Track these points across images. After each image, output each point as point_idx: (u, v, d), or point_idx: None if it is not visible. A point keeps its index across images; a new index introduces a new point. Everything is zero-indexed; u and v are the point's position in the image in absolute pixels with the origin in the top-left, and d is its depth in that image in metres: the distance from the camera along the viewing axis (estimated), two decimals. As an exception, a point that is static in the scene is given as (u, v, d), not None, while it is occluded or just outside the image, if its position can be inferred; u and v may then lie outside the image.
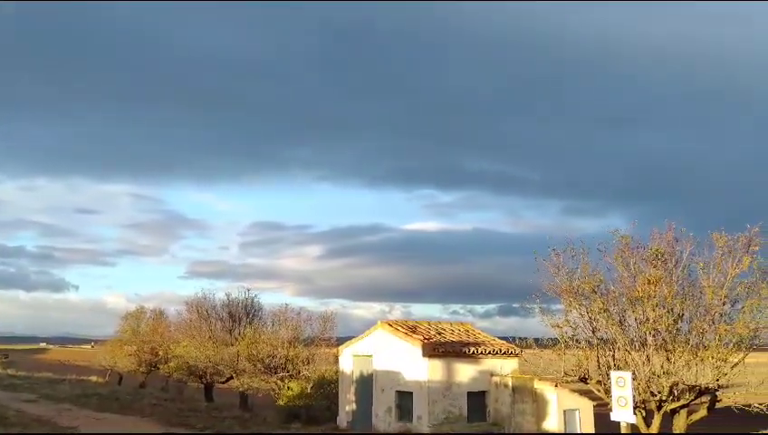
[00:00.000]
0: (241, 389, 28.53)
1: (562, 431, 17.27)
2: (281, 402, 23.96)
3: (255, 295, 32.28)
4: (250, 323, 30.60)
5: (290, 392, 24.05)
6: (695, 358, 14.59)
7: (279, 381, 25.74)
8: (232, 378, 29.84)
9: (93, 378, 43.98)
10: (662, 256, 14.96)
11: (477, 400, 18.40)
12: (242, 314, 31.67)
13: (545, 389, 17.52)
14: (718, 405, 15.68)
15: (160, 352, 39.34)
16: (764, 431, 22.03)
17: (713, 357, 14.42)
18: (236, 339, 29.46)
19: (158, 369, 39.92)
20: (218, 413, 24.29)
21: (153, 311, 45.67)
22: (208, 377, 31.74)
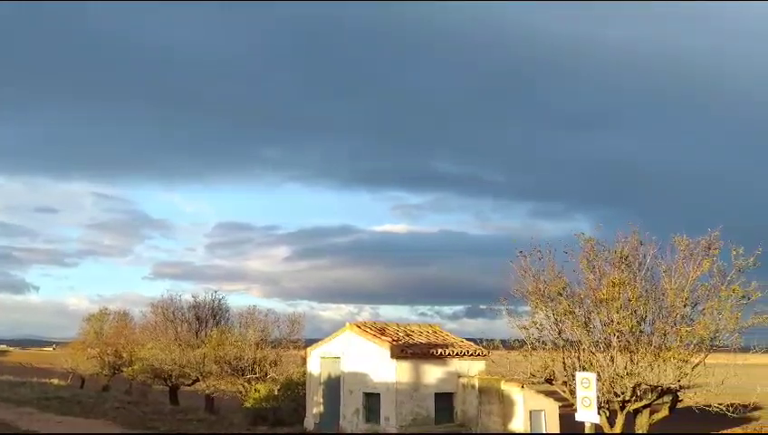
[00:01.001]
0: (207, 391, 28.26)
1: (528, 432, 17.47)
2: (248, 405, 23.78)
3: (222, 297, 32.08)
4: (217, 325, 30.33)
5: (257, 395, 23.89)
6: (657, 359, 14.86)
7: (246, 384, 25.55)
8: (198, 380, 29.52)
9: (55, 381, 43.12)
10: (626, 259, 15.22)
11: (445, 401, 18.51)
12: (209, 316, 31.38)
13: (512, 390, 17.70)
14: (679, 405, 16.01)
15: (124, 355, 38.76)
16: (724, 431, 22.58)
17: (674, 358, 14.71)
18: (203, 341, 29.16)
19: (122, 372, 39.32)
20: (183, 416, 24.00)
21: (117, 312, 45.02)
22: (174, 380, 31.36)
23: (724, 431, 22.87)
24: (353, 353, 19.19)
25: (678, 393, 15.44)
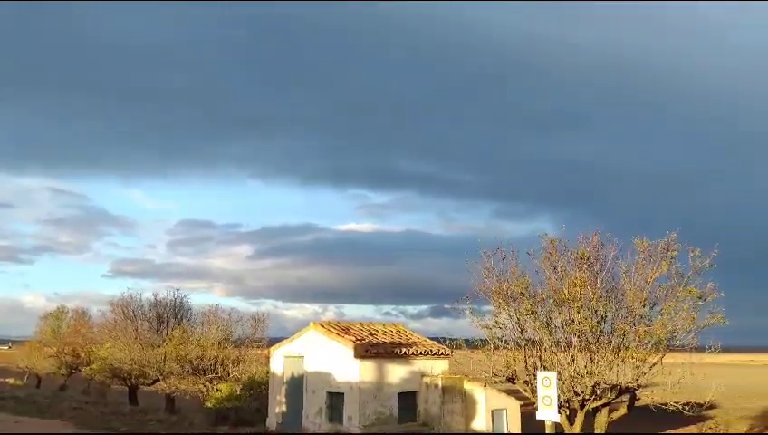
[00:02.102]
0: (168, 391, 27.85)
1: (490, 431, 17.61)
2: (209, 404, 23.50)
3: (184, 296, 31.63)
4: (178, 324, 29.88)
5: (219, 394, 23.64)
6: (616, 358, 15.13)
7: (208, 383, 25.26)
8: (158, 380, 29.09)
9: (11, 380, 42.24)
10: (588, 259, 15.46)
11: (408, 400, 18.55)
12: (170, 315, 30.91)
13: (474, 389, 17.83)
14: (637, 404, 16.31)
15: (82, 354, 38.02)
16: (680, 431, 23.08)
17: (633, 357, 14.99)
18: (164, 340, 28.75)
19: (80, 371, 38.56)
20: (143, 416, 23.65)
21: (75, 311, 44.19)
22: (133, 379, 30.86)
23: (680, 431, 23.39)
24: (317, 353, 19.11)
25: (636, 392, 15.74)
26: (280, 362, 20.54)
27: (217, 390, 24.19)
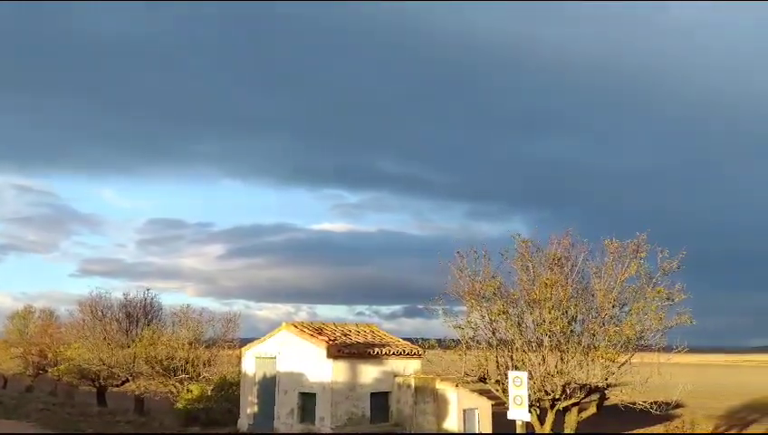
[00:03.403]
0: (137, 392, 27.49)
1: (462, 430, 17.69)
2: (179, 405, 23.24)
3: (155, 296, 31.19)
4: (149, 325, 29.48)
5: (189, 395, 23.38)
6: (586, 358, 15.31)
7: (178, 384, 24.98)
8: (127, 381, 28.69)
9: (-25, 382, 41.23)
10: (559, 260, 15.62)
11: (380, 400, 18.55)
12: (140, 315, 30.47)
13: (446, 389, 17.89)
14: (606, 403, 16.55)
15: (49, 355, 37.29)
16: (648, 430, 23.43)
17: (602, 357, 15.19)
18: (133, 341, 28.35)
19: (47, 372, 37.83)
20: (111, 418, 23.34)
21: (42, 311, 43.34)
22: (102, 380, 30.37)
23: (647, 430, 23.74)
24: (289, 353, 19.02)
25: (605, 392, 15.95)
26: (252, 363, 20.41)
27: (188, 390, 23.93)
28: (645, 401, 15.36)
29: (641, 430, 23.68)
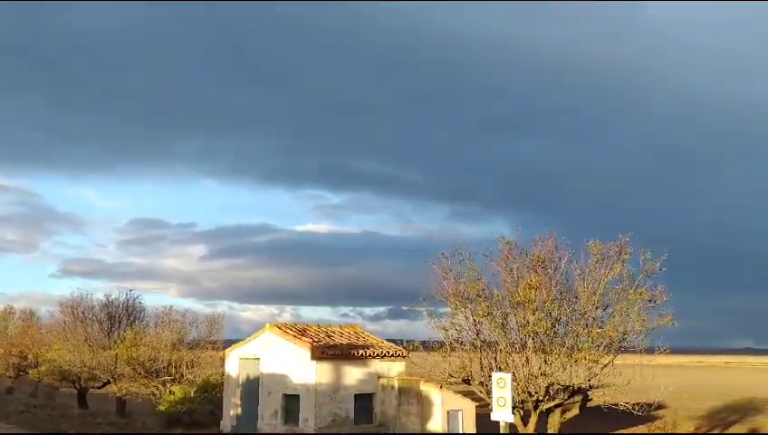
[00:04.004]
0: (119, 394, 27.24)
1: (445, 432, 17.71)
2: (162, 408, 23.06)
3: (137, 296, 30.94)
4: (131, 326, 29.24)
5: (172, 397, 23.21)
6: (569, 360, 15.38)
7: (160, 386, 24.78)
8: (109, 383, 28.41)
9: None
10: (543, 262, 15.68)
11: (364, 402, 18.53)
12: (122, 316, 30.21)
13: (430, 390, 17.91)
14: (589, 404, 16.63)
15: (30, 356, 36.87)
16: (630, 431, 23.61)
17: (585, 359, 15.27)
18: (115, 342, 28.09)
19: (28, 373, 37.38)
20: (93, 420, 23.12)
21: (23, 311, 42.90)
22: (83, 382, 30.06)
23: (630, 431, 23.92)
24: (273, 355, 18.94)
25: (588, 393, 16.03)
26: (235, 364, 20.31)
27: (170, 392, 23.75)
28: (627, 402, 15.46)
29: (624, 431, 23.85)
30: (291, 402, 18.16)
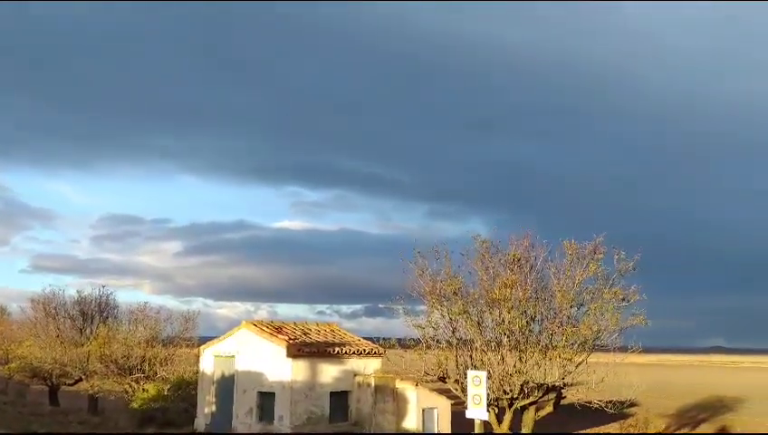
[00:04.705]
0: (91, 391, 26.91)
1: (421, 429, 17.76)
2: (135, 405, 22.83)
3: (111, 293, 30.59)
4: (104, 322, 28.90)
5: (145, 395, 22.99)
6: (544, 358, 15.53)
7: (134, 383, 24.53)
8: (81, 380, 28.06)
9: None
10: (518, 261, 15.80)
11: (340, 399, 18.51)
12: (95, 313, 29.85)
13: (406, 388, 17.94)
14: (563, 402, 16.80)
15: (0, 353, 36.29)
16: (602, 429, 23.89)
17: (560, 357, 15.43)
18: (88, 339, 27.75)
19: (-3, 370, 36.78)
20: (64, 417, 22.80)
21: (-7, 307, 42.10)
22: (54, 379, 29.65)
23: (602, 429, 24.21)
24: (248, 352, 18.84)
25: (562, 391, 16.20)
26: (210, 362, 20.16)
27: (144, 390, 23.53)
28: (600, 400, 15.66)
29: (596, 429, 24.12)
30: (266, 400, 18.08)
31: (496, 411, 16.26)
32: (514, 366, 15.56)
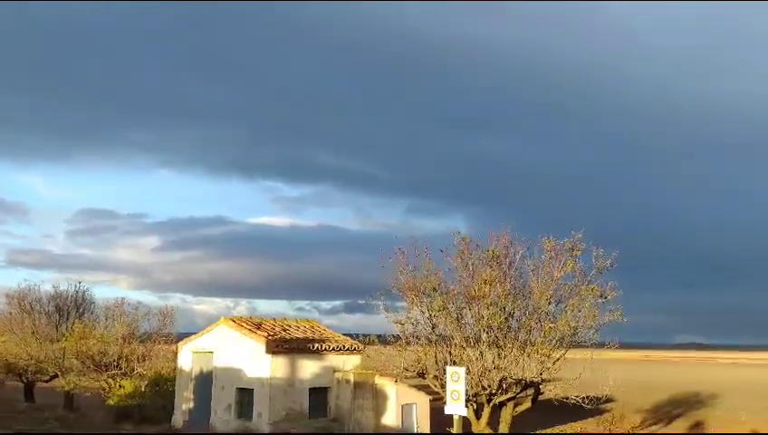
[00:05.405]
0: (67, 388, 26.59)
1: (400, 425, 17.80)
2: (111, 402, 22.63)
3: (87, 288, 30.24)
4: (80, 318, 28.58)
5: (122, 391, 22.78)
6: (522, 354, 15.61)
7: (110, 380, 24.28)
8: (57, 376, 27.72)
9: None
10: (498, 257, 15.85)
11: (319, 396, 18.50)
12: (71, 308, 29.50)
13: (385, 384, 17.97)
14: (541, 398, 16.91)
15: (-27, 349, 35.68)
16: (579, 424, 24.11)
17: (538, 353, 15.52)
18: (64, 335, 27.41)
19: (-29, 367, 36.17)
20: (40, 414, 22.51)
21: (-34, 303, 41.32)
22: (30, 375, 29.29)
23: (578, 424, 24.44)
24: (227, 348, 18.74)
25: (540, 386, 16.31)
26: (188, 358, 20.03)
27: (120, 386, 23.30)
28: (577, 396, 15.77)
29: (573, 424, 24.33)
30: (244, 397, 18.00)
31: (475, 407, 16.33)
32: (493, 362, 15.62)
